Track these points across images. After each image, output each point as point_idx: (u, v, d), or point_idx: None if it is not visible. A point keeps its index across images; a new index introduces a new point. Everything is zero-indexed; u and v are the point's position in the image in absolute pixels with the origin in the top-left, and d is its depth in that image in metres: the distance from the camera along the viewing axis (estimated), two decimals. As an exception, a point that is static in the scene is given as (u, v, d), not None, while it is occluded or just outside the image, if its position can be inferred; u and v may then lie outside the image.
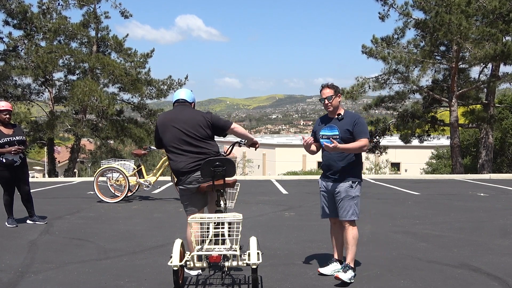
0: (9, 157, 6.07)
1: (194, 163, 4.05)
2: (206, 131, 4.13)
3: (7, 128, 6.20)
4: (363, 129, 3.97)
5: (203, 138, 4.12)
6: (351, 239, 4.03)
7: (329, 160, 4.07)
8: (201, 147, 4.10)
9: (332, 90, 4.03)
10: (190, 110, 4.24)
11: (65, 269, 4.38)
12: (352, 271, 3.97)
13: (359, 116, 4.06)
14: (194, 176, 4.07)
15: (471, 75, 20.56)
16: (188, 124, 4.10)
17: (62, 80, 22.16)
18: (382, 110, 22.54)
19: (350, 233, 4.04)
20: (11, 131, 6.20)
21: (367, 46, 19.18)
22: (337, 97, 4.06)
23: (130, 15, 22.12)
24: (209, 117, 4.18)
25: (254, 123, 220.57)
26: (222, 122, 4.23)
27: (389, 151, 22.85)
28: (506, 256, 4.81)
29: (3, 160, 6.05)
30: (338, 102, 4.07)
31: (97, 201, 8.64)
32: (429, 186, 11.42)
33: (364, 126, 4.00)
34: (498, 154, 24.13)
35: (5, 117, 6.15)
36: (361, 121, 4.01)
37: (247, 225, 6.15)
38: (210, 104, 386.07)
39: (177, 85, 22.24)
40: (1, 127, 6.16)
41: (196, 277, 4.14)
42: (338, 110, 4.08)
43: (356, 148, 3.93)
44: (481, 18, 17.30)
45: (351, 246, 4.03)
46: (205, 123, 4.14)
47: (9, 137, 6.11)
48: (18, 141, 6.18)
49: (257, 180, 13.39)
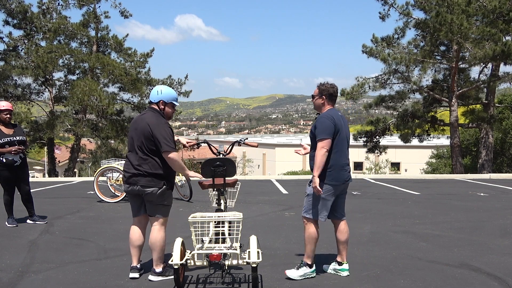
0: (9, 157, 6.06)
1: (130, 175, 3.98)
2: (147, 144, 3.91)
3: (8, 128, 6.19)
4: (318, 131, 3.92)
5: (147, 152, 3.93)
6: (305, 237, 4.06)
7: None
8: (139, 163, 3.93)
9: (317, 90, 4.12)
10: (145, 116, 4.03)
11: (65, 269, 4.38)
12: (307, 268, 4.02)
13: (321, 117, 4.00)
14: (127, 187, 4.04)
15: (471, 75, 20.60)
16: (137, 133, 3.98)
17: (62, 80, 22.17)
18: (382, 110, 22.55)
19: (305, 231, 4.07)
20: (12, 131, 6.18)
21: (367, 46, 19.21)
22: (320, 99, 4.10)
23: (130, 15, 22.13)
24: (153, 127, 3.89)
25: (254, 123, 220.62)
26: (161, 141, 3.86)
27: (389, 151, 22.85)
28: (506, 256, 4.81)
29: (3, 160, 6.04)
30: (320, 103, 4.11)
31: (97, 200, 8.64)
32: (429, 186, 11.42)
33: (319, 126, 3.92)
34: (498, 154, 24.14)
35: (6, 117, 6.14)
36: (319, 122, 3.96)
37: (247, 225, 6.15)
38: (210, 104, 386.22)
39: (177, 84, 22.26)
40: (1, 127, 6.15)
41: (197, 275, 4.14)
42: (320, 110, 4.13)
43: (318, 157, 3.86)
44: (481, 18, 17.30)
45: (305, 244, 4.05)
46: (149, 134, 3.90)
47: (10, 137, 6.10)
48: (19, 141, 6.16)
49: (257, 180, 13.39)
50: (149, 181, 3.91)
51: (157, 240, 3.99)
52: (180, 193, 8.79)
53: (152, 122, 3.92)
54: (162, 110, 4.06)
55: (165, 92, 4.06)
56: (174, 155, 3.90)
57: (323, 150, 3.84)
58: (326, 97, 4.07)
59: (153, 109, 4.06)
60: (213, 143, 5.20)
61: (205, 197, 8.63)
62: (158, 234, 4.00)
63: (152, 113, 4.01)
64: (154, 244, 4.00)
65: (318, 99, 4.11)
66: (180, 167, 3.96)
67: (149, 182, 3.91)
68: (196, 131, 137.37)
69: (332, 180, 3.94)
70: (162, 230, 4.04)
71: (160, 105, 4.05)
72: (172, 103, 4.11)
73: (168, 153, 3.87)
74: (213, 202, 4.32)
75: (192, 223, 3.70)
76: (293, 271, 4.05)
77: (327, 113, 3.99)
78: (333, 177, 3.94)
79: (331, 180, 3.94)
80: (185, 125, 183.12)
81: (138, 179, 3.94)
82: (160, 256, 4.03)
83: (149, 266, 4.23)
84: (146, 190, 3.92)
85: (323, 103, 4.09)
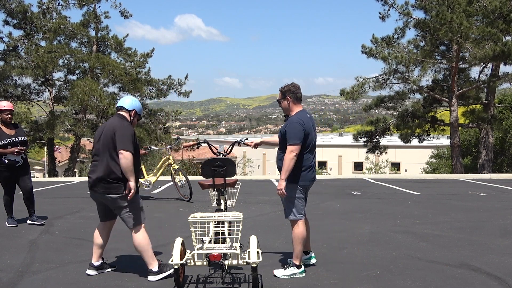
0: (11, 157, 6.04)
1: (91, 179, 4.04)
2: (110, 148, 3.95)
3: (9, 128, 6.15)
4: (289, 135, 4.00)
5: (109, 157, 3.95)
6: (292, 238, 4.15)
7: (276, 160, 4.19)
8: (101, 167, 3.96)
9: (280, 94, 4.24)
10: (111, 121, 4.08)
11: (65, 269, 4.38)
12: (294, 268, 4.10)
13: (292, 121, 4.06)
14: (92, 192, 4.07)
15: (471, 75, 20.60)
16: (104, 138, 4.00)
17: (62, 80, 22.17)
18: (382, 110, 22.55)
19: (292, 231, 4.16)
20: (13, 131, 6.15)
21: (367, 46, 19.20)
22: (285, 101, 4.18)
23: (130, 15, 22.13)
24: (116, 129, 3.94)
25: (254, 123, 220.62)
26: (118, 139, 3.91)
27: (389, 151, 22.86)
28: (506, 256, 4.81)
29: (5, 160, 6.01)
30: (287, 105, 4.19)
31: (97, 200, 8.64)
32: (429, 186, 11.42)
33: (290, 131, 4.00)
34: (498, 154, 24.14)
35: (7, 117, 6.10)
36: (290, 127, 4.03)
37: (247, 225, 6.15)
38: (210, 104, 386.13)
39: (177, 84, 22.25)
40: (2, 127, 6.11)
41: (197, 275, 4.14)
42: (288, 111, 4.21)
43: (287, 161, 3.95)
44: (481, 18, 17.30)
45: (293, 245, 4.14)
46: (112, 138, 3.95)
47: (12, 138, 6.06)
48: (21, 142, 6.13)
49: (257, 180, 13.39)
50: (111, 187, 3.96)
51: (140, 243, 4.03)
52: (180, 193, 8.79)
53: (116, 125, 3.98)
54: (132, 118, 4.17)
55: (138, 104, 4.25)
56: (126, 153, 3.89)
57: (292, 154, 3.94)
58: (290, 97, 4.16)
59: (121, 116, 4.12)
60: (213, 143, 5.21)
61: (205, 197, 8.63)
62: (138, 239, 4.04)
63: (118, 119, 4.08)
64: (139, 246, 4.03)
65: (283, 102, 4.21)
66: (129, 170, 3.93)
67: (111, 188, 3.96)
68: (196, 131, 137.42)
69: (302, 181, 4.11)
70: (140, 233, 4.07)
71: (132, 114, 4.17)
72: (140, 115, 4.29)
73: (122, 152, 3.89)
74: (213, 202, 4.32)
75: (192, 223, 3.70)
76: (280, 270, 4.14)
77: (298, 117, 4.07)
78: (303, 177, 4.11)
79: (302, 180, 4.11)
80: (185, 125, 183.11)
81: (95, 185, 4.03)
82: (150, 255, 4.04)
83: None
84: (108, 196, 3.99)
85: (289, 104, 4.18)
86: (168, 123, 23.79)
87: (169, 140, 21.25)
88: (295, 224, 4.14)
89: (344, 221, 6.78)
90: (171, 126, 26.66)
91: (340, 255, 4.86)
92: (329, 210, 7.70)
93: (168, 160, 8.62)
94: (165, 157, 8.72)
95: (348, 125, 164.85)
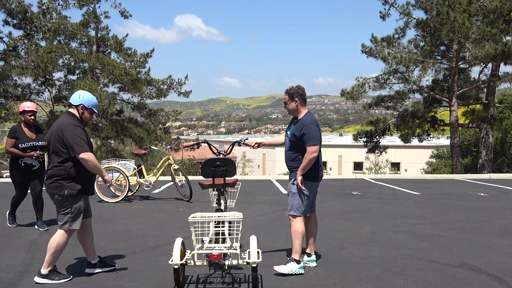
0: (28, 161, 5.85)
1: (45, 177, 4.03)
2: (60, 149, 3.91)
3: (31, 131, 5.93)
4: (309, 137, 4.11)
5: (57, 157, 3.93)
6: (292, 233, 4.24)
7: (285, 159, 4.38)
8: (51, 167, 3.94)
9: (287, 96, 4.29)
10: (58, 120, 4.04)
11: (65, 269, 4.37)
12: (294, 263, 4.16)
13: (308, 122, 4.15)
14: None
15: (471, 75, 20.59)
16: (52, 137, 3.97)
17: (62, 80, 22.15)
18: (382, 110, 22.56)
19: (291, 227, 4.25)
20: (35, 135, 5.93)
21: (366, 46, 19.20)
22: (293, 102, 4.25)
23: (130, 15, 22.11)
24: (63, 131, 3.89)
25: (254, 123, 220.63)
26: (71, 143, 3.86)
27: (389, 151, 22.86)
28: (506, 256, 4.81)
29: (21, 164, 5.83)
30: (295, 106, 4.26)
31: (97, 200, 8.64)
32: (429, 186, 11.42)
33: (310, 133, 4.11)
34: (498, 154, 24.13)
35: (30, 118, 5.88)
36: (308, 128, 4.12)
37: (247, 225, 6.15)
38: (210, 104, 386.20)
39: (177, 84, 22.23)
40: (25, 128, 5.90)
41: (197, 275, 4.14)
42: (296, 113, 4.28)
43: (308, 161, 4.10)
44: (481, 17, 17.30)
45: (292, 240, 4.23)
46: (60, 139, 3.90)
47: (32, 142, 5.85)
48: (40, 147, 5.92)
49: (257, 180, 13.39)
50: (54, 187, 3.93)
51: (53, 242, 3.98)
52: (180, 193, 8.79)
53: (63, 126, 3.93)
54: (81, 114, 4.09)
55: (86, 97, 4.11)
56: (86, 156, 3.87)
57: (313, 155, 4.11)
58: (298, 99, 4.24)
59: (69, 113, 4.07)
60: (213, 143, 5.21)
61: (205, 197, 8.63)
62: (55, 238, 3.99)
63: (65, 117, 4.03)
64: (50, 244, 3.98)
65: (291, 103, 4.26)
66: (96, 168, 3.94)
67: (54, 188, 3.94)
68: (196, 131, 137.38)
69: (315, 179, 4.27)
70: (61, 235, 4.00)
71: (79, 109, 4.08)
72: (92, 109, 4.14)
73: (79, 155, 3.86)
74: (213, 202, 4.33)
75: (192, 223, 3.70)
76: (281, 266, 4.18)
77: (311, 118, 4.21)
78: (316, 176, 4.27)
79: (315, 179, 4.27)
80: (185, 125, 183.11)
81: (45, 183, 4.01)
82: (50, 258, 3.96)
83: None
84: (52, 195, 3.98)
85: (297, 106, 4.25)
86: (168, 123, 23.78)
87: (169, 140, 21.25)
88: (294, 220, 4.23)
89: (344, 221, 6.78)
90: (171, 126, 26.65)
91: (340, 255, 4.86)
92: (329, 210, 7.70)
93: (168, 160, 8.62)
94: (165, 157, 8.72)
95: (348, 125, 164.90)
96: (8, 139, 5.83)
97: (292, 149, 4.28)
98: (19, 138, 5.81)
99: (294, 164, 4.23)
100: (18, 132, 5.85)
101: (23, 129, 5.90)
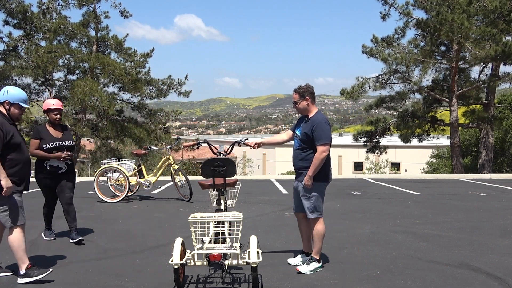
0: (54, 163, 5.33)
1: None
2: None
3: (57, 130, 5.44)
4: (320, 135, 4.09)
5: None
6: (314, 235, 4.27)
7: (293, 159, 4.36)
8: None
9: (298, 95, 4.26)
10: None
11: (65, 269, 4.38)
12: (316, 263, 4.24)
13: (320, 121, 4.14)
14: None
15: (471, 75, 20.60)
16: None
17: (62, 80, 22.15)
18: (383, 110, 22.55)
19: (314, 229, 4.27)
20: (61, 134, 5.44)
21: (367, 46, 19.21)
22: (304, 101, 4.23)
23: (130, 15, 22.11)
24: None
25: (254, 123, 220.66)
26: None
27: (389, 151, 22.86)
28: (506, 256, 4.81)
29: (47, 167, 5.33)
30: (306, 105, 4.24)
31: (97, 201, 8.64)
32: (429, 186, 11.42)
33: (321, 132, 4.09)
34: (498, 154, 24.13)
35: (56, 117, 5.39)
36: (320, 127, 4.10)
37: (247, 225, 6.15)
38: (210, 104, 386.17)
39: (177, 84, 22.24)
40: (50, 128, 5.42)
41: (197, 275, 4.14)
42: (306, 112, 4.26)
43: (319, 161, 4.08)
44: (481, 18, 17.30)
45: (315, 241, 4.27)
46: None
47: (58, 141, 5.35)
48: (67, 147, 5.41)
49: (257, 180, 13.39)
50: None
51: (10, 241, 3.95)
52: (180, 193, 8.79)
53: None
54: (7, 110, 4.00)
55: (11, 93, 4.00)
56: None
57: (324, 155, 4.08)
58: (309, 97, 4.23)
59: None
60: (213, 143, 5.21)
61: (205, 197, 8.63)
62: (9, 236, 3.96)
63: None
64: (11, 246, 3.95)
65: (302, 102, 4.24)
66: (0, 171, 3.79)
67: None
68: (196, 131, 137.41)
69: (327, 179, 4.28)
70: (13, 232, 3.95)
71: (5, 105, 3.98)
72: (19, 104, 4.02)
73: None
74: (213, 202, 4.33)
75: (192, 223, 3.70)
76: (304, 266, 4.24)
77: (323, 117, 4.20)
78: (328, 176, 4.28)
79: (326, 179, 4.27)
80: (185, 125, 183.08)
81: None
82: (19, 257, 3.94)
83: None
84: None
85: (308, 104, 4.24)
86: (168, 123, 23.79)
87: (169, 140, 21.25)
88: (317, 221, 4.25)
89: (344, 221, 6.78)
90: (171, 126, 26.64)
91: (340, 255, 4.86)
92: (329, 210, 7.70)
93: (168, 160, 8.62)
94: (165, 157, 8.72)
95: (348, 125, 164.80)
96: (32, 140, 5.36)
97: (302, 148, 4.24)
98: (43, 139, 5.31)
99: (303, 164, 4.22)
100: (42, 132, 5.36)
101: (48, 128, 5.42)
